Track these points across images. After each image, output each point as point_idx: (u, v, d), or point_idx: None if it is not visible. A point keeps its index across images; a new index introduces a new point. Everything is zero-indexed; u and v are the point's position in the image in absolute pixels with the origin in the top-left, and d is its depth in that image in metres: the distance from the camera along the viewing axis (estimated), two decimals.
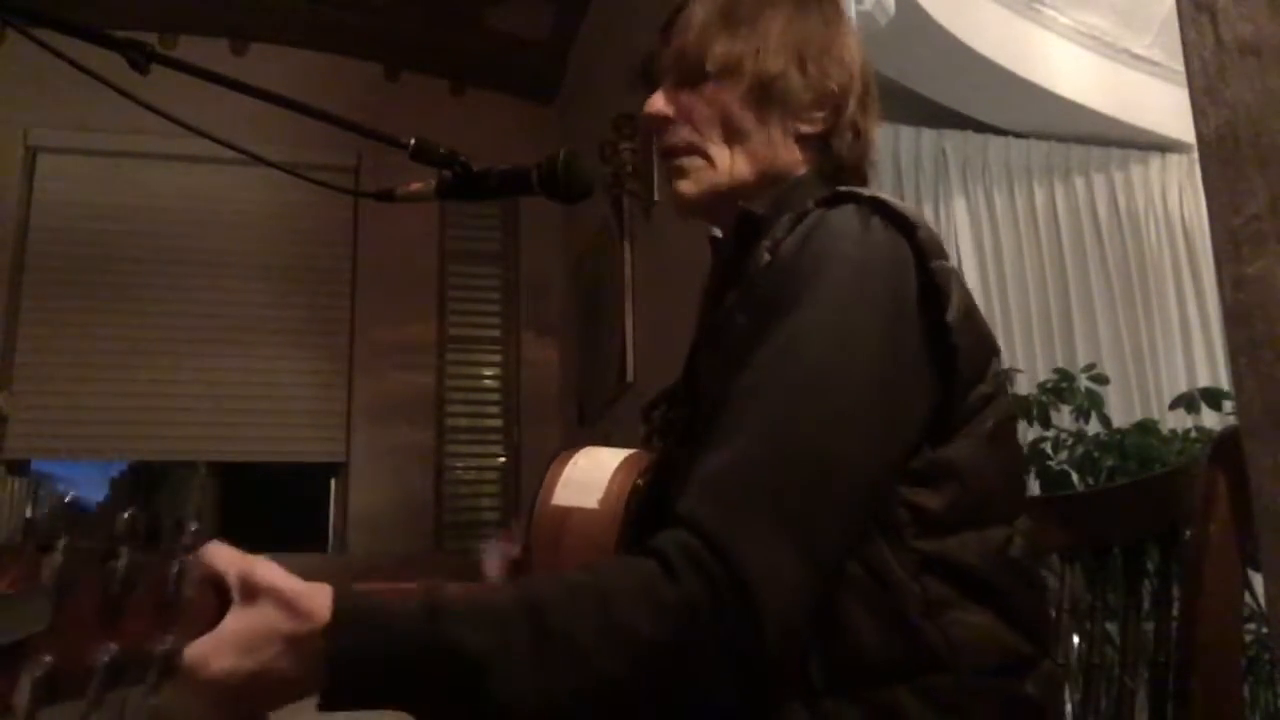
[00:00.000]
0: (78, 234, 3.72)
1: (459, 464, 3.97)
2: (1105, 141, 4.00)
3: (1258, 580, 0.93)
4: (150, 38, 1.09)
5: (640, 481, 0.95)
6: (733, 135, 0.99)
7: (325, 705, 0.70)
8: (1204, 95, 0.92)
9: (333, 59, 3.98)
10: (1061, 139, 3.96)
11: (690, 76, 1.00)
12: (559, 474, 0.97)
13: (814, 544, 0.75)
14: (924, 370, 0.83)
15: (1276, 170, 0.85)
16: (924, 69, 3.56)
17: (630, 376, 3.10)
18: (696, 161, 1.00)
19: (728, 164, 0.99)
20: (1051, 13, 3.72)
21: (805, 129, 1.00)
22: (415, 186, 1.12)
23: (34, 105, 3.62)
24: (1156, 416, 3.35)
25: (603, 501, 0.93)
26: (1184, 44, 0.95)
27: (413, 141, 1.08)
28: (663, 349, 2.88)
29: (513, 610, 0.72)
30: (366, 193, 1.15)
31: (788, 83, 0.98)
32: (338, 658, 0.68)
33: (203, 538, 0.69)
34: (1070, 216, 3.94)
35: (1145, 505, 1.11)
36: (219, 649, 0.67)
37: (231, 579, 0.69)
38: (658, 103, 1.01)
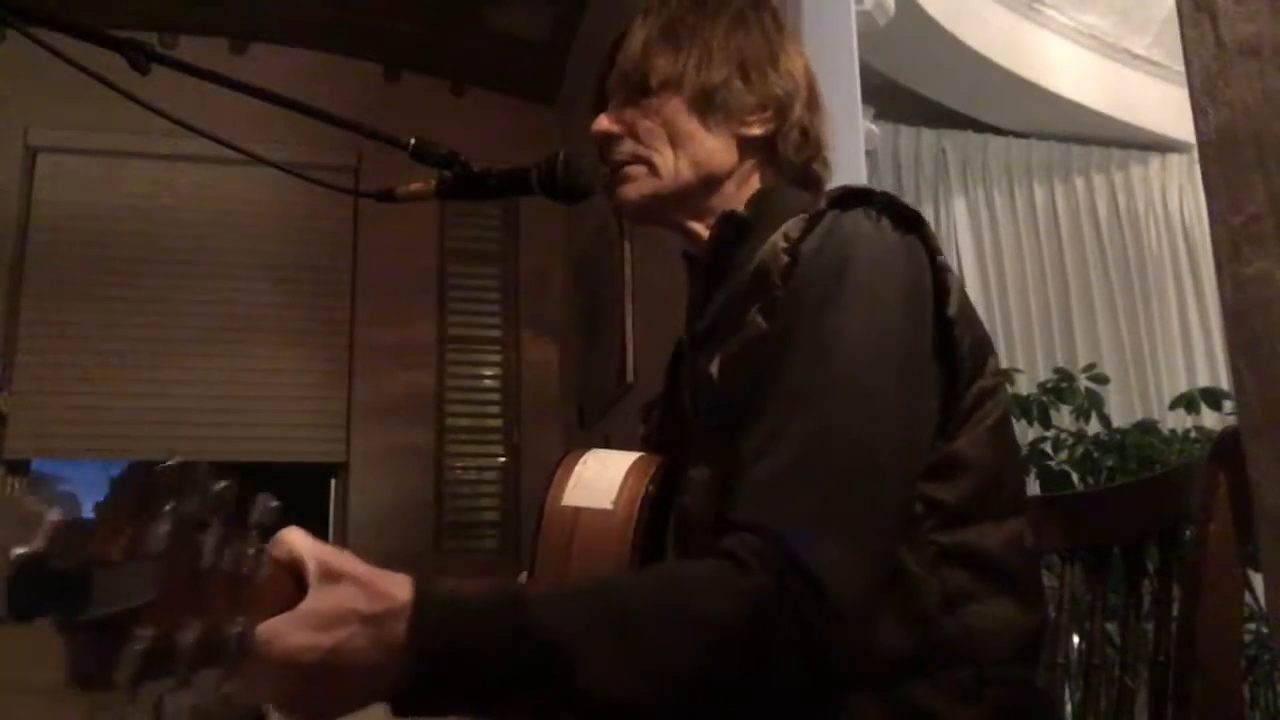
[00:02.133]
0: (78, 234, 3.72)
1: (459, 464, 3.97)
2: (1105, 141, 4.00)
3: (1258, 580, 0.93)
4: (150, 38, 1.10)
5: (651, 487, 0.95)
6: (677, 141, 1.01)
7: (406, 704, 0.68)
8: (1204, 95, 0.92)
9: (333, 59, 3.97)
10: (1061, 139, 3.96)
11: (635, 93, 1.03)
12: (569, 475, 0.97)
13: (866, 538, 0.77)
14: (935, 365, 0.86)
15: (1276, 170, 0.85)
16: (924, 69, 3.56)
17: (630, 377, 3.10)
18: (640, 169, 1.03)
19: (671, 169, 1.01)
20: (1051, 12, 3.72)
21: (750, 132, 1.03)
22: (415, 186, 1.12)
23: (34, 105, 3.61)
24: (1156, 416, 3.36)
25: (616, 503, 0.93)
26: (1184, 44, 0.95)
27: (413, 141, 1.09)
28: (663, 349, 2.86)
29: (594, 600, 0.73)
30: (366, 193, 1.15)
31: (730, 91, 1.01)
32: (419, 640, 0.67)
33: (275, 514, 0.67)
34: (1070, 216, 3.94)
35: (1145, 505, 1.11)
36: (295, 624, 0.65)
37: (310, 564, 0.68)
38: (602, 122, 1.05)
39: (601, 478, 0.96)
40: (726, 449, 0.84)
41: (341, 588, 0.67)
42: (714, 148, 1.02)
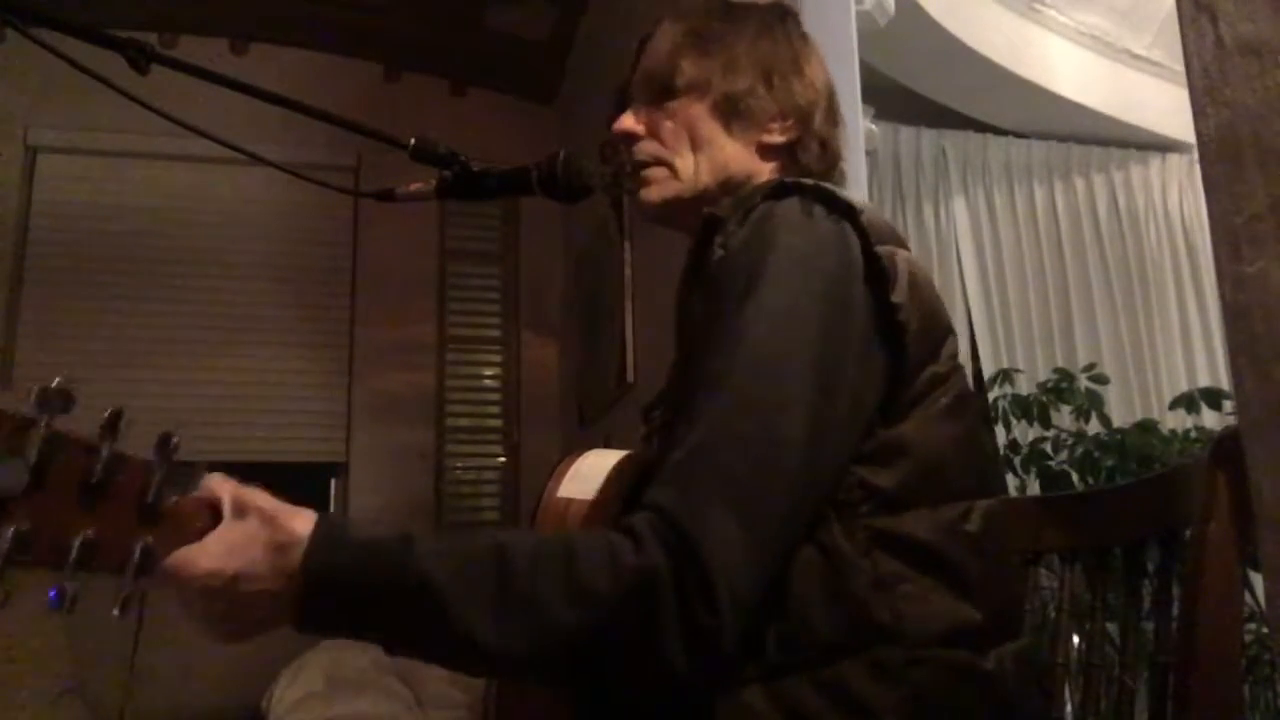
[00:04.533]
0: (78, 234, 3.71)
1: (459, 464, 3.97)
2: (1105, 141, 4.00)
3: (1258, 580, 0.93)
4: (150, 38, 1.10)
5: (630, 479, 0.98)
6: (698, 145, 1.03)
7: (301, 625, 0.74)
8: (1204, 95, 0.92)
9: (333, 59, 3.97)
10: (1061, 139, 3.96)
11: (659, 94, 1.05)
12: (567, 468, 1.01)
13: (762, 519, 0.77)
14: (873, 351, 0.86)
15: (1276, 170, 0.85)
16: (924, 69, 3.56)
17: (630, 377, 3.10)
18: (661, 172, 1.05)
19: (691, 172, 1.03)
20: (1051, 12, 3.72)
21: (771, 139, 1.04)
22: (415, 186, 1.13)
23: (34, 105, 3.61)
24: (1156, 416, 3.36)
25: (601, 492, 0.97)
26: (1184, 44, 0.95)
27: (413, 141, 1.09)
28: (663, 349, 2.86)
29: (482, 552, 0.75)
30: (366, 193, 1.15)
31: (754, 98, 1.03)
32: (311, 569, 0.73)
33: (181, 452, 0.75)
34: (1070, 216, 3.94)
35: (1145, 505, 1.11)
36: (204, 551, 0.73)
37: (225, 500, 0.76)
38: (626, 121, 1.07)
39: (595, 471, 1.00)
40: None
41: (249, 520, 0.75)
42: (734, 153, 1.03)
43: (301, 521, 0.75)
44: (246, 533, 0.74)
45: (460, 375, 4.05)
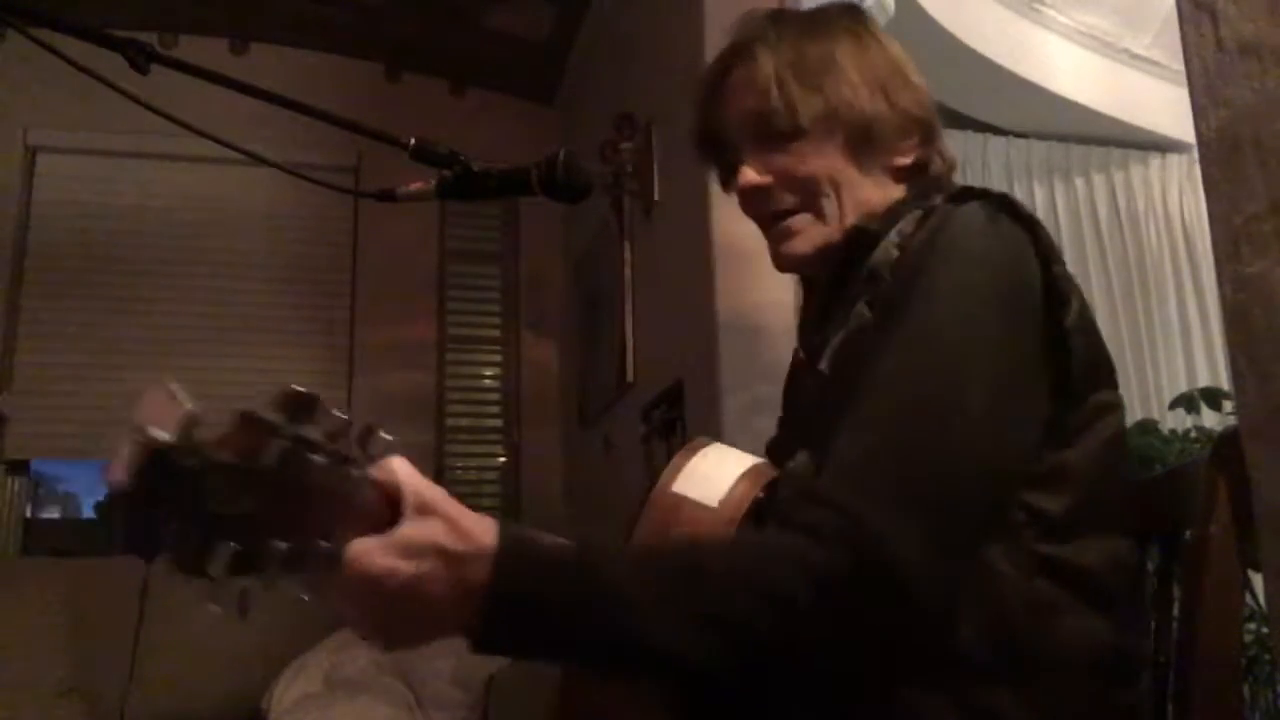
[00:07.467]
0: (78, 234, 3.71)
1: (459, 464, 3.96)
2: (1105, 141, 4.00)
3: (1258, 580, 0.93)
4: (150, 38, 1.10)
5: (761, 495, 0.93)
6: (838, 186, 0.98)
7: (479, 644, 0.71)
8: (1204, 95, 0.92)
9: (333, 59, 3.97)
10: (1061, 139, 3.96)
11: (779, 137, 0.98)
12: (684, 463, 0.96)
13: (946, 526, 0.76)
14: (1044, 369, 0.84)
15: (1276, 170, 0.85)
16: (924, 69, 3.54)
17: (630, 376, 3.09)
18: (806, 219, 0.99)
19: (837, 215, 0.98)
20: (1051, 12, 3.72)
21: (903, 160, 1.00)
22: (415, 186, 1.13)
23: (34, 105, 3.61)
24: (1156, 416, 3.35)
25: (723, 503, 0.91)
26: (1184, 44, 0.95)
27: (413, 141, 1.09)
28: (663, 349, 2.87)
29: (671, 563, 0.75)
30: (366, 193, 1.15)
31: (882, 122, 0.98)
32: (497, 586, 0.70)
33: (389, 447, 0.71)
34: (1070, 216, 3.94)
35: (1145, 505, 1.11)
36: (384, 548, 0.68)
37: (407, 493, 0.71)
38: (751, 174, 0.99)
39: (715, 474, 0.94)
40: (827, 437, 0.82)
41: (431, 521, 0.70)
42: (871, 186, 0.99)
43: (485, 531, 0.72)
44: (429, 535, 0.69)
45: (460, 375, 4.05)
